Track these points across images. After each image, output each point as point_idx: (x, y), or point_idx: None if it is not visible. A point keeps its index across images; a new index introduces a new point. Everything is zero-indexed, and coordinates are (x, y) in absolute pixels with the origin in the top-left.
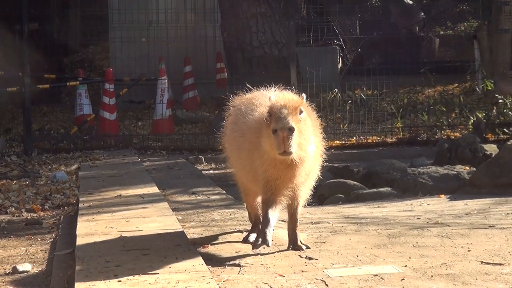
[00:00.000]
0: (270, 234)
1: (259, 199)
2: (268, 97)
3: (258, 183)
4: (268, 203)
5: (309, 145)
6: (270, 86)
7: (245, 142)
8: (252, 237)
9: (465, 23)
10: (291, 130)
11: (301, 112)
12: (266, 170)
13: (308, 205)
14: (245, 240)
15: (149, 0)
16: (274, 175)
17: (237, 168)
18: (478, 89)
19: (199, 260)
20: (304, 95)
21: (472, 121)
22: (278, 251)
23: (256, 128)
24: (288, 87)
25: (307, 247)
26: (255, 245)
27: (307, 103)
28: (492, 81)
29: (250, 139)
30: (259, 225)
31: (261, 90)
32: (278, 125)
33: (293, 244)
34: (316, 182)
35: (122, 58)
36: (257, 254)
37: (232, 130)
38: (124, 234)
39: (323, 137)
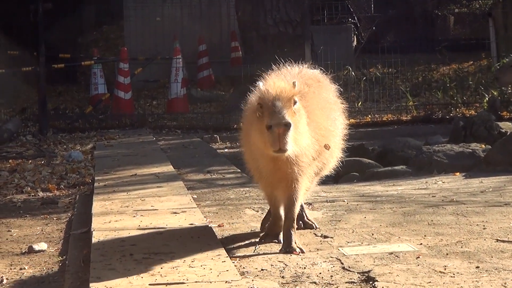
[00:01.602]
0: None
1: None
2: (258, 85)
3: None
4: (280, 204)
5: (304, 139)
6: (288, 65)
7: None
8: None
9: (480, 1)
10: (287, 126)
11: (295, 103)
12: (260, 165)
13: (323, 183)
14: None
15: None
16: (268, 170)
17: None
18: (494, 67)
19: (214, 239)
20: (296, 82)
21: (487, 99)
22: None
23: (247, 119)
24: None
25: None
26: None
27: (327, 78)
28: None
29: (244, 130)
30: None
31: (283, 69)
32: (273, 120)
33: (286, 246)
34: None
35: (137, 37)
36: None
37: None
38: (139, 214)
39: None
